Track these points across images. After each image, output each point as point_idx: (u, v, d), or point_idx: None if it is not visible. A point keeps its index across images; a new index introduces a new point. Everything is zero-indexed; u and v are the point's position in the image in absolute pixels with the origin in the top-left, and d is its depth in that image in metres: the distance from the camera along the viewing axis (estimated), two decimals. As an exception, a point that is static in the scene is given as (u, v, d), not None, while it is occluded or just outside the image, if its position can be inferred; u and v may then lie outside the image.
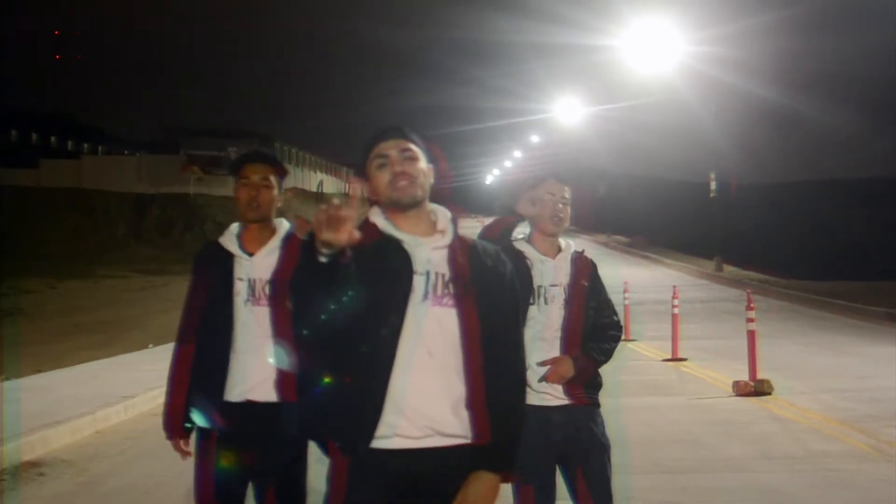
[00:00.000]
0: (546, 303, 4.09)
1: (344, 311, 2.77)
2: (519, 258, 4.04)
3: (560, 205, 4.13)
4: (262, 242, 4.03)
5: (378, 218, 2.98)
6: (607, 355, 4.17)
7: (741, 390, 10.56)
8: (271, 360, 3.91)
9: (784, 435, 8.61)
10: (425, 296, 2.87)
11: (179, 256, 38.30)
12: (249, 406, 3.92)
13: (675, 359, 13.18)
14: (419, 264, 2.90)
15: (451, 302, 2.89)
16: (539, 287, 4.09)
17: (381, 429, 2.80)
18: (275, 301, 3.92)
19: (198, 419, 3.99)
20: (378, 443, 2.81)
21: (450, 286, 2.90)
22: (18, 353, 13.75)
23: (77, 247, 43.60)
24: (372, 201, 3.04)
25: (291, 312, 2.82)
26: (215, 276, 3.99)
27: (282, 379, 3.88)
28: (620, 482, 4.42)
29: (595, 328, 4.16)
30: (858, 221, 48.17)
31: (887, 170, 56.92)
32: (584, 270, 4.21)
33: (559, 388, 4.04)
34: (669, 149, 56.87)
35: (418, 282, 2.88)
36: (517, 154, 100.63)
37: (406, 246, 2.92)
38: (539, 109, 68.20)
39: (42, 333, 17.30)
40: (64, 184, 52.66)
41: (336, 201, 2.62)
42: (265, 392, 3.90)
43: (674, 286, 14.29)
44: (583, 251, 4.32)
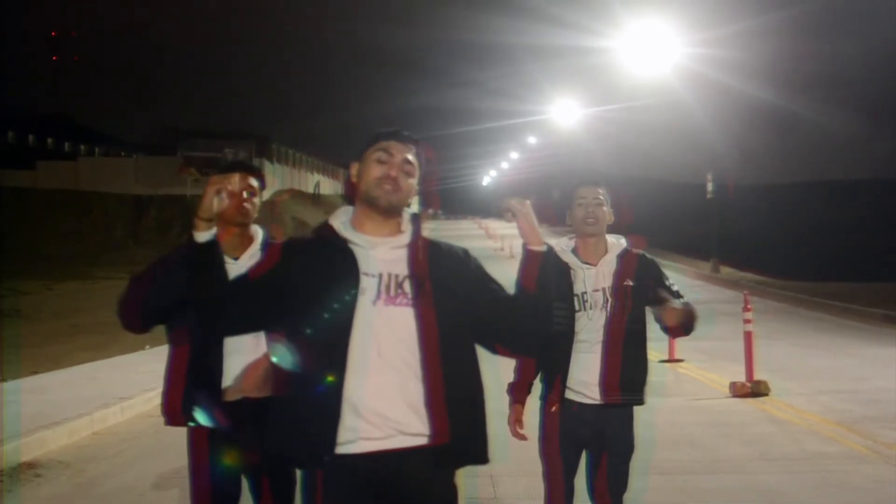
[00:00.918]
0: (591, 308, 4.30)
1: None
2: (562, 270, 4.26)
3: (592, 207, 4.34)
4: (244, 247, 4.17)
5: (336, 220, 3.04)
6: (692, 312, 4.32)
7: (738, 391, 10.57)
8: (275, 360, 3.93)
9: (781, 436, 8.62)
10: (377, 296, 2.88)
11: (177, 258, 38.11)
12: (238, 403, 4.01)
13: (672, 360, 13.18)
14: (370, 266, 2.92)
15: (406, 301, 2.90)
16: (582, 294, 4.31)
17: (343, 433, 2.80)
18: None
19: (200, 418, 4.04)
20: (343, 448, 2.81)
21: (404, 286, 2.91)
22: (17, 355, 13.72)
23: (74, 248, 43.55)
24: (348, 189, 3.11)
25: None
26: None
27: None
28: (632, 482, 4.48)
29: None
30: (855, 222, 48.25)
31: (884, 171, 57.05)
32: (630, 269, 4.34)
33: (594, 389, 4.27)
34: (666, 150, 57.00)
35: (369, 283, 2.90)
36: (514, 155, 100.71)
37: (356, 248, 2.95)
38: (536, 111, 68.25)
39: (39, 335, 17.27)
40: (61, 185, 52.54)
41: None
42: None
43: (671, 287, 14.27)
44: (629, 249, 4.45)
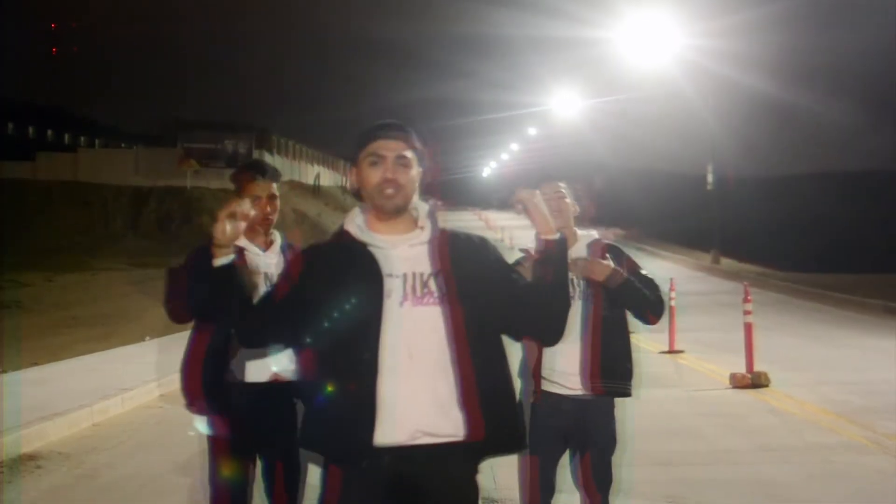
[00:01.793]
0: None
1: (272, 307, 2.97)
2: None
3: (554, 201, 4.31)
4: (268, 244, 4.40)
5: (352, 224, 3.00)
6: (646, 287, 4.32)
7: (738, 383, 10.57)
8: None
9: (781, 427, 8.62)
10: (404, 297, 2.84)
11: (177, 249, 38.22)
12: (248, 387, 4.18)
13: (672, 351, 13.19)
14: (394, 266, 2.88)
15: (433, 300, 2.85)
16: None
17: (378, 437, 2.77)
18: None
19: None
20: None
21: (429, 284, 2.87)
22: (18, 347, 13.73)
23: (74, 240, 43.53)
24: (355, 192, 3.05)
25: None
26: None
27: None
28: (617, 474, 4.46)
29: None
30: (856, 214, 48.20)
31: (885, 163, 56.92)
32: (600, 258, 4.31)
33: (574, 379, 4.24)
34: (666, 142, 56.86)
35: (394, 284, 2.85)
36: (514, 147, 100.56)
37: (376, 250, 2.91)
38: (536, 102, 68.12)
39: (39, 326, 17.27)
40: (61, 177, 52.49)
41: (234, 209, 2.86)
42: (260, 373, 4.17)
43: (671, 279, 14.26)
44: (598, 239, 4.43)
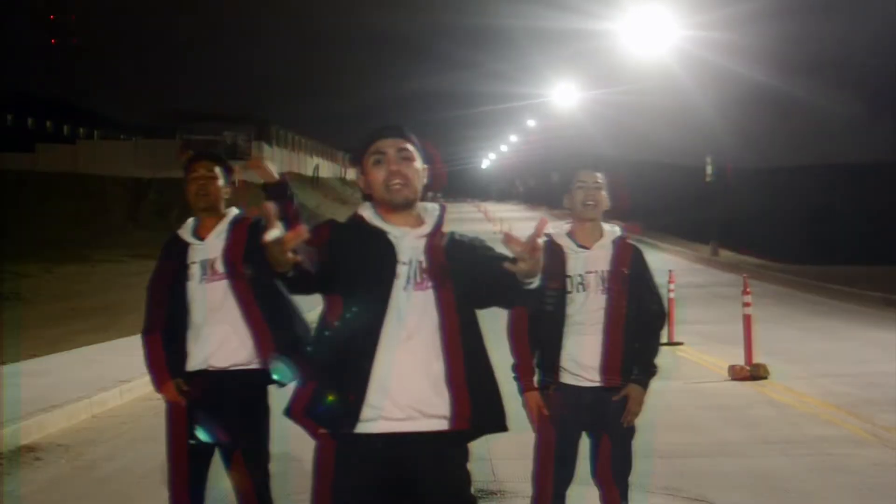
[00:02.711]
0: (584, 289, 4.30)
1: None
2: (553, 251, 4.28)
3: (591, 190, 4.36)
4: (212, 229, 4.49)
5: (366, 211, 3.14)
6: (652, 303, 4.43)
7: (737, 375, 10.57)
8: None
9: (781, 419, 8.63)
10: (408, 282, 3.02)
11: (176, 241, 38.09)
12: (210, 373, 4.30)
13: (672, 343, 13.17)
14: (403, 253, 3.05)
15: (429, 286, 3.03)
16: (574, 276, 4.32)
17: (366, 411, 2.91)
18: (229, 274, 4.36)
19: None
20: (363, 426, 2.91)
21: (427, 271, 3.04)
22: (17, 338, 13.71)
23: (73, 231, 43.46)
24: (366, 195, 3.19)
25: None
26: (175, 265, 4.48)
27: (258, 342, 4.32)
28: (636, 465, 4.52)
29: (639, 317, 4.34)
30: (855, 206, 48.17)
31: (884, 155, 56.87)
32: (625, 257, 4.36)
33: (593, 372, 4.28)
34: (666, 133, 56.76)
35: (402, 270, 3.03)
36: (513, 138, 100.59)
37: (391, 237, 3.07)
38: (536, 94, 68.34)
39: (38, 318, 17.25)
40: (60, 168, 52.45)
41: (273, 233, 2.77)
42: (223, 358, 4.30)
43: (670, 271, 14.26)
44: (625, 237, 4.48)
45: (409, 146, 3.11)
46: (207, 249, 4.42)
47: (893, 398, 9.29)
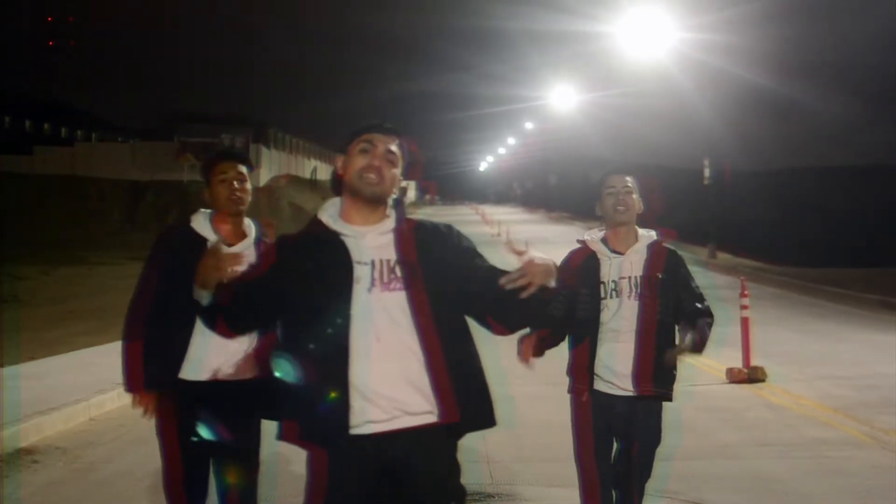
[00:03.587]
0: (618, 295, 4.30)
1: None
2: (589, 258, 4.34)
3: (622, 195, 4.36)
4: (239, 237, 4.24)
5: (325, 214, 3.12)
6: (696, 301, 4.42)
7: (735, 377, 10.57)
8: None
9: (778, 422, 8.63)
10: (372, 283, 2.99)
11: (174, 243, 38.01)
12: (211, 385, 4.15)
13: (670, 346, 13.18)
14: (362, 254, 3.02)
15: (399, 286, 3.00)
16: (608, 282, 4.32)
17: (353, 417, 2.93)
18: None
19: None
20: (354, 431, 2.94)
21: (396, 270, 3.01)
22: (15, 341, 13.70)
23: (71, 233, 43.44)
24: (334, 183, 3.18)
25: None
26: (188, 262, 3.49)
27: (259, 357, 4.13)
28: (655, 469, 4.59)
29: (684, 316, 4.35)
30: (854, 208, 48.20)
31: (883, 157, 56.93)
32: (660, 261, 4.34)
33: (626, 380, 4.30)
34: (663, 135, 56.79)
35: (363, 271, 3.00)
36: (511, 141, 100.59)
37: (347, 239, 3.05)
38: (533, 96, 68.39)
39: (36, 320, 17.22)
40: (58, 170, 52.39)
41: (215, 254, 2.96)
42: (226, 372, 4.16)
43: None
44: (657, 241, 4.44)
45: (396, 150, 3.13)
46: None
47: (891, 400, 9.29)
